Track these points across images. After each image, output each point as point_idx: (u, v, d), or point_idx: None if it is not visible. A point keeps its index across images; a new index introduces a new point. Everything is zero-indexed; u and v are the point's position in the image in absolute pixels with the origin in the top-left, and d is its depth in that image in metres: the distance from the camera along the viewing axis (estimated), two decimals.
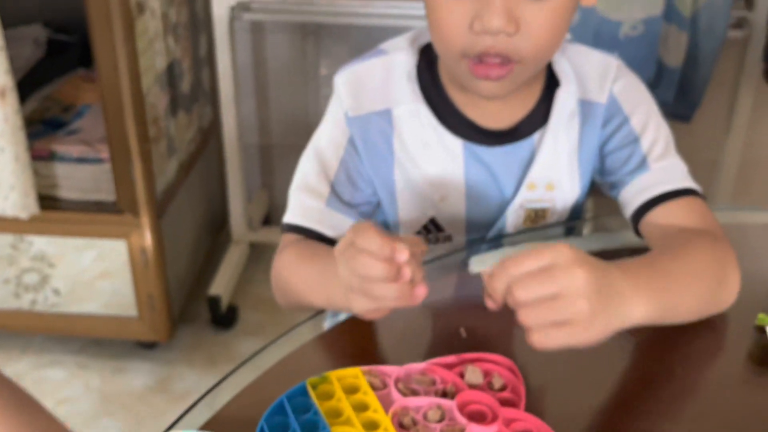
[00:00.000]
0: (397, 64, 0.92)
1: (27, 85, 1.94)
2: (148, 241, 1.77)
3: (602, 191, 0.99)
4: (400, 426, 0.68)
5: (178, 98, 1.89)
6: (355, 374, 0.73)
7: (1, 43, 1.53)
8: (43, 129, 1.85)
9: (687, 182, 0.90)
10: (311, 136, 0.97)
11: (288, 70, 2.19)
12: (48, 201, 1.75)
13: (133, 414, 1.80)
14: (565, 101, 0.92)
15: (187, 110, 1.96)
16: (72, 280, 1.83)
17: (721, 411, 0.74)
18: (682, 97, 1.83)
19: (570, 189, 0.96)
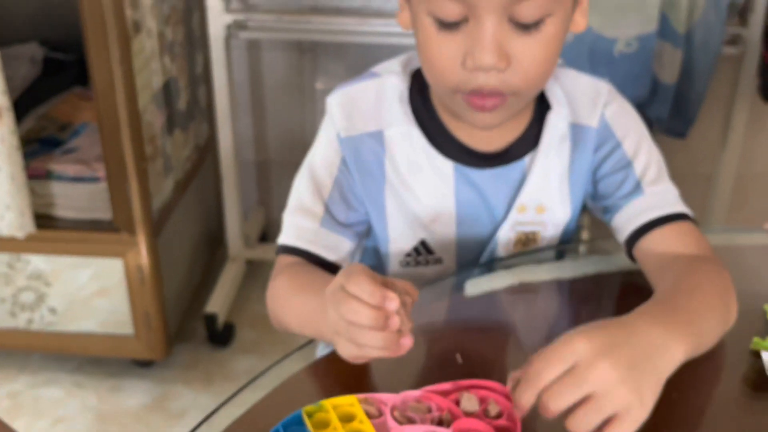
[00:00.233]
0: (389, 87, 0.93)
1: (23, 103, 1.95)
2: (145, 259, 1.77)
3: (594, 215, 0.99)
4: None
5: (174, 116, 1.89)
6: (351, 402, 0.72)
7: None
8: (39, 148, 1.85)
9: (680, 207, 0.91)
10: (307, 153, 0.97)
11: (284, 87, 2.19)
12: (44, 220, 1.75)
13: None
14: (555, 124, 0.92)
15: (184, 128, 1.96)
16: (68, 299, 1.82)
17: None
18: (677, 114, 1.83)
19: (561, 212, 0.96)
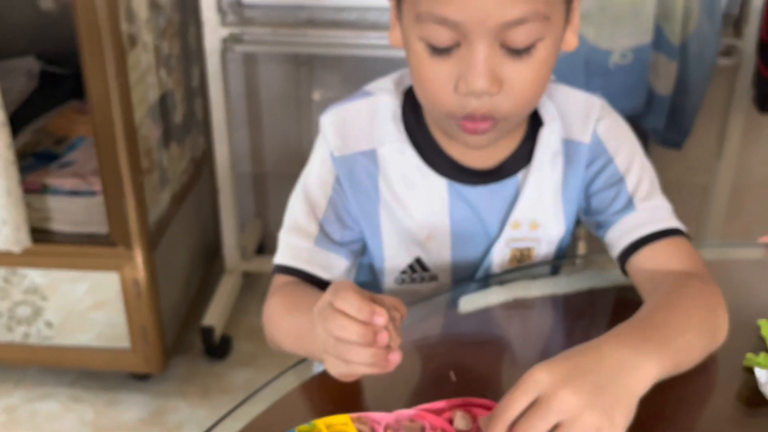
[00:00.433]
0: (382, 105, 0.93)
1: (20, 117, 1.95)
2: (141, 272, 1.77)
3: (588, 230, 0.99)
4: None
5: (170, 129, 1.89)
6: (345, 421, 0.72)
7: None
8: (35, 162, 1.85)
9: (673, 222, 0.91)
10: (304, 165, 0.97)
11: (281, 99, 2.19)
12: (40, 234, 1.75)
13: None
14: (548, 141, 0.93)
15: (180, 141, 1.96)
16: (65, 313, 1.82)
17: None
18: (673, 125, 1.83)
19: (554, 227, 0.96)
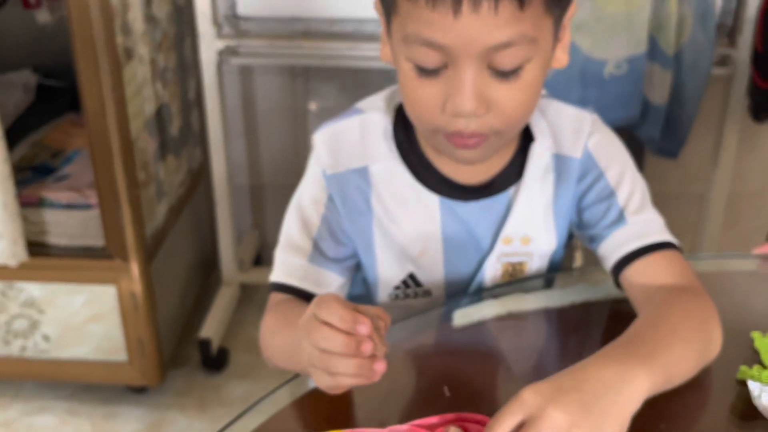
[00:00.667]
0: (373, 123, 0.93)
1: (16, 131, 1.95)
2: (138, 285, 1.77)
3: (582, 243, 0.99)
4: None
5: (167, 142, 1.89)
6: None
7: None
8: (31, 176, 1.86)
9: (664, 235, 0.91)
10: (301, 176, 0.97)
11: (277, 110, 2.20)
12: (37, 247, 1.75)
13: None
14: (539, 156, 0.93)
15: (176, 153, 1.97)
16: (61, 326, 1.82)
17: None
18: (669, 134, 1.84)
19: (546, 242, 0.97)
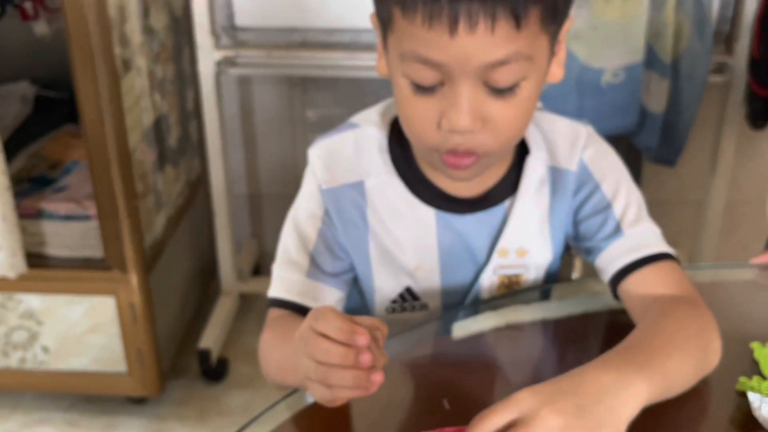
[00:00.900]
0: (368, 137, 0.93)
1: (15, 142, 1.95)
2: (137, 296, 1.76)
3: (578, 255, 0.99)
4: None
5: (165, 153, 1.90)
6: None
7: None
8: (30, 187, 1.86)
9: (661, 247, 0.91)
10: (300, 185, 0.98)
11: (275, 120, 2.20)
12: (36, 259, 1.75)
13: None
14: (534, 169, 0.93)
15: (175, 164, 1.97)
16: (61, 337, 1.82)
17: None
18: (666, 142, 1.84)
19: (542, 255, 0.97)
